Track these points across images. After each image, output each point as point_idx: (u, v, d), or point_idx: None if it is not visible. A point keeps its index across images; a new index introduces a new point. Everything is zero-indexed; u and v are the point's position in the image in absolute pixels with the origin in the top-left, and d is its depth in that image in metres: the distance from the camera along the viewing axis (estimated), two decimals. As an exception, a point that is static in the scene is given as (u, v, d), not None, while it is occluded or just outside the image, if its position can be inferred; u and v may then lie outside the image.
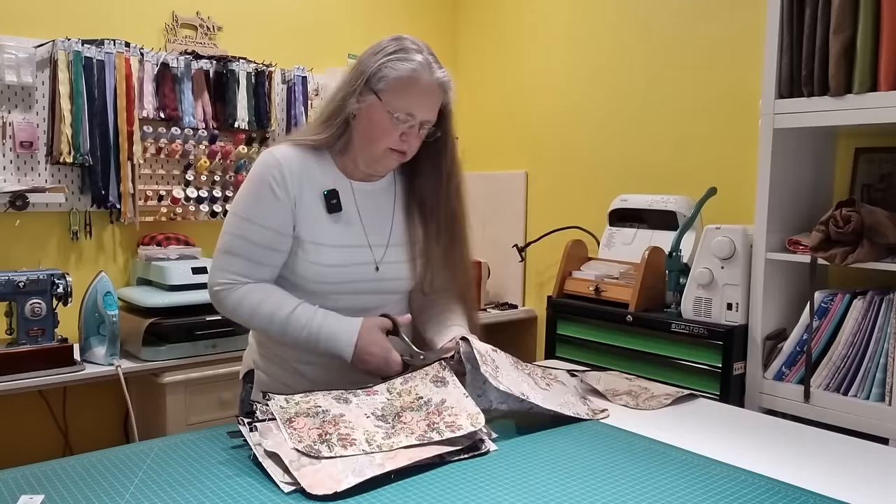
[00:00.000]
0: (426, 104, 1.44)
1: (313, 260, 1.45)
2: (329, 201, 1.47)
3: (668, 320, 2.28)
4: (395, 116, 1.41)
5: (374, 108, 1.43)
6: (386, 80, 1.41)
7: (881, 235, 1.88)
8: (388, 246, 1.53)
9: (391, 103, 1.41)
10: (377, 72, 1.42)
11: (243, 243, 1.44)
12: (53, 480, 1.09)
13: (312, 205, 1.46)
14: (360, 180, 1.53)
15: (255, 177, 1.45)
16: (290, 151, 1.47)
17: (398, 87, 1.41)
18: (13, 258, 2.52)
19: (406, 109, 1.42)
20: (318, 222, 1.46)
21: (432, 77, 1.43)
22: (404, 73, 1.41)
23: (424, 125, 1.46)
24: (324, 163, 1.49)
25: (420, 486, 1.08)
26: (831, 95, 1.93)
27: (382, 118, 1.42)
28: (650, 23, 2.82)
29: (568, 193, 3.16)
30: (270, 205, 1.43)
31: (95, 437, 2.69)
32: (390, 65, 1.41)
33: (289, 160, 1.45)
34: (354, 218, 1.50)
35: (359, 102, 1.43)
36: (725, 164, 2.58)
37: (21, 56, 2.47)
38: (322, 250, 1.45)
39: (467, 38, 3.65)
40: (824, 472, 1.19)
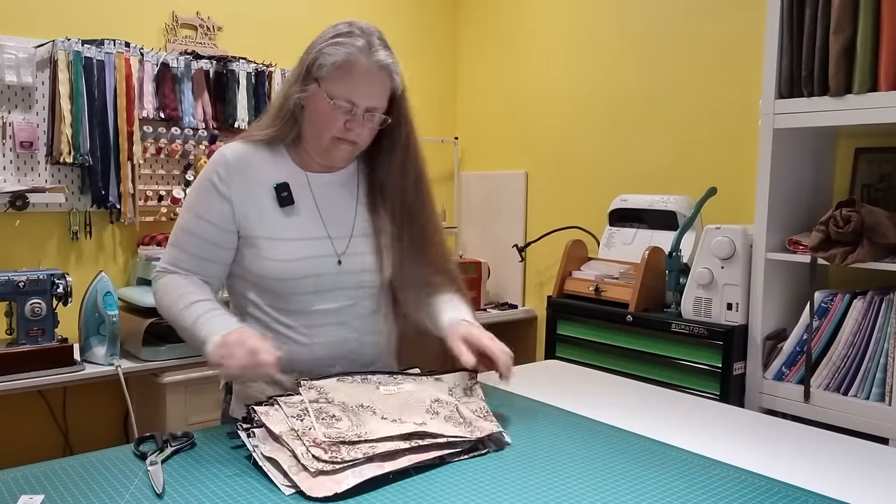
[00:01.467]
0: (367, 90, 1.38)
1: (268, 255, 1.40)
2: (280, 194, 1.42)
3: (668, 320, 2.28)
4: (334, 103, 1.36)
5: (315, 96, 1.38)
6: (324, 67, 1.37)
7: (881, 235, 1.88)
8: (350, 237, 1.47)
9: (330, 90, 1.36)
10: (316, 59, 1.38)
11: (184, 235, 1.43)
12: (53, 480, 1.09)
13: (263, 200, 1.42)
14: (318, 172, 1.48)
15: (203, 174, 1.44)
16: (241, 148, 1.44)
17: (335, 72, 1.36)
18: (13, 258, 2.52)
19: (345, 96, 1.36)
20: (271, 217, 1.42)
21: (371, 60, 1.37)
22: (339, 58, 1.36)
23: (371, 112, 1.39)
24: (278, 157, 1.46)
25: (420, 486, 1.08)
26: (831, 95, 1.93)
27: (324, 106, 1.37)
28: (650, 23, 2.82)
29: (568, 193, 3.16)
30: (213, 201, 1.41)
31: (95, 437, 2.69)
32: (327, 50, 1.37)
33: (237, 157, 1.42)
34: (311, 210, 1.45)
35: (302, 92, 1.40)
36: (725, 165, 2.58)
37: (21, 56, 2.47)
38: (276, 244, 1.41)
39: (467, 39, 3.65)
40: (824, 472, 1.19)
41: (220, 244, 1.42)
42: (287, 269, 1.41)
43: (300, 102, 1.41)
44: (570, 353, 2.56)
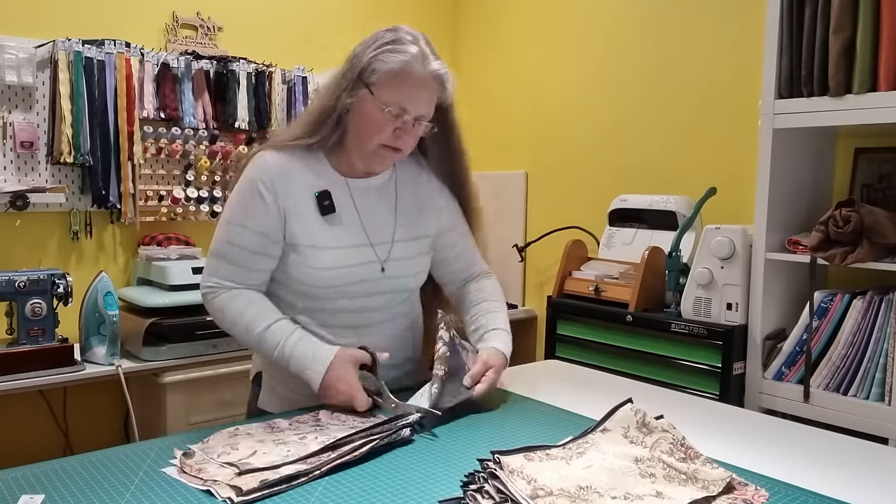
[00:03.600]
0: (420, 98, 1.38)
1: (312, 264, 1.41)
2: (321, 203, 1.42)
3: (668, 320, 2.28)
4: (387, 111, 1.35)
5: (365, 102, 1.37)
6: (377, 74, 1.36)
7: (881, 235, 1.88)
8: (392, 242, 1.48)
9: (383, 97, 1.35)
10: (369, 64, 1.37)
11: (231, 248, 1.42)
12: (53, 480, 1.09)
13: (306, 208, 1.42)
14: (357, 178, 1.48)
15: (245, 182, 1.42)
16: (281, 155, 1.43)
17: (390, 80, 1.36)
18: (13, 258, 2.52)
19: (398, 103, 1.36)
20: (314, 225, 1.42)
21: (426, 69, 1.37)
22: (395, 66, 1.35)
23: (420, 120, 1.40)
24: (317, 163, 1.45)
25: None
26: (831, 95, 1.93)
27: (374, 113, 1.36)
28: (650, 23, 2.82)
29: (568, 193, 3.16)
30: (259, 210, 1.40)
31: (95, 437, 2.69)
32: (382, 57, 1.36)
33: (279, 165, 1.41)
34: (352, 217, 1.46)
35: (351, 97, 1.38)
36: (725, 164, 2.58)
37: (21, 56, 2.47)
38: (320, 254, 1.41)
39: (467, 38, 3.65)
40: (824, 472, 1.19)
41: (269, 254, 1.42)
42: (331, 278, 1.42)
43: (346, 108, 1.40)
44: (570, 353, 2.56)
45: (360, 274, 1.45)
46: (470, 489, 1.03)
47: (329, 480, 1.10)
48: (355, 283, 1.44)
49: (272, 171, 1.41)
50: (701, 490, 1.05)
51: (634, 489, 1.04)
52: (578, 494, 1.01)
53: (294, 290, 1.45)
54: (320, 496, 1.04)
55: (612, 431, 1.19)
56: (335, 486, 1.07)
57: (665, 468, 1.10)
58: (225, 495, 1.03)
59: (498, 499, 0.99)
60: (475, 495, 1.01)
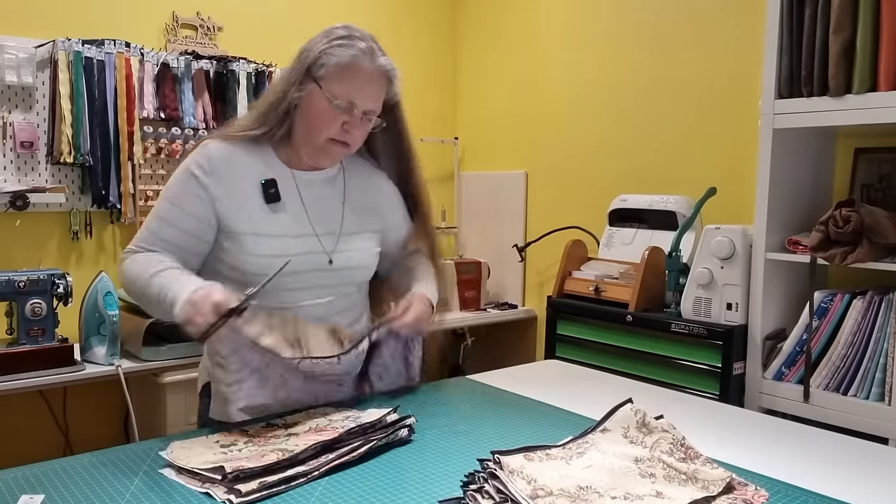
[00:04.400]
0: (367, 92, 1.40)
1: (251, 251, 1.39)
2: (267, 191, 1.42)
3: (668, 320, 2.28)
4: (334, 104, 1.37)
5: (314, 95, 1.39)
6: (326, 67, 1.38)
7: (881, 235, 1.88)
8: (340, 234, 1.49)
9: (331, 90, 1.38)
10: (318, 58, 1.39)
11: (159, 223, 1.41)
12: (53, 480, 1.09)
13: (248, 196, 1.41)
14: (304, 170, 1.49)
15: (184, 165, 1.43)
16: (226, 144, 1.44)
17: (338, 73, 1.38)
18: (13, 258, 2.52)
19: (346, 97, 1.38)
20: (256, 213, 1.41)
21: (374, 64, 1.40)
22: (344, 59, 1.38)
23: (368, 115, 1.42)
24: (263, 154, 1.46)
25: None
26: (831, 95, 1.93)
27: (323, 106, 1.38)
28: (650, 23, 2.82)
29: (568, 193, 3.16)
30: (192, 192, 1.40)
31: (95, 437, 2.69)
32: (330, 51, 1.38)
33: (222, 152, 1.43)
34: (298, 208, 1.45)
35: (300, 91, 1.40)
36: (725, 164, 2.58)
37: (21, 56, 2.47)
38: (261, 241, 1.40)
39: (467, 38, 3.65)
40: (824, 472, 1.19)
41: (197, 235, 1.41)
42: (270, 266, 1.37)
43: (295, 102, 1.41)
44: (570, 353, 2.56)
45: (302, 264, 1.42)
46: (470, 489, 1.03)
47: (329, 480, 1.10)
48: (295, 273, 1.40)
49: (213, 156, 1.42)
50: (701, 490, 1.05)
51: (634, 489, 1.04)
52: (578, 494, 1.01)
53: (232, 279, 1.40)
54: (320, 496, 1.04)
55: (612, 431, 1.19)
56: (335, 486, 1.08)
57: (665, 468, 1.10)
58: (224, 497, 1.03)
59: (498, 499, 0.99)
60: (475, 495, 1.01)
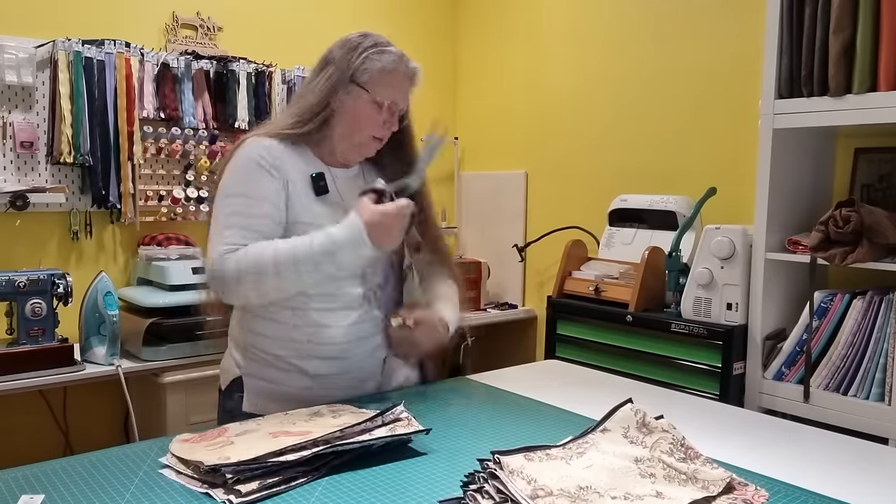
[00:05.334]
0: (404, 93, 1.56)
1: None
2: (318, 183, 1.52)
3: (668, 320, 2.28)
4: (382, 105, 1.51)
5: (360, 100, 1.51)
6: (370, 73, 1.50)
7: (881, 235, 1.88)
8: None
9: (378, 93, 1.51)
10: (360, 65, 1.50)
11: (237, 218, 1.43)
12: (53, 480, 1.09)
13: (301, 188, 1.50)
14: (336, 167, 1.59)
15: (242, 160, 1.47)
16: (271, 141, 1.50)
17: (384, 77, 1.51)
18: (13, 258, 2.52)
19: (391, 97, 1.52)
20: (310, 204, 1.50)
21: (408, 68, 1.55)
22: (388, 65, 1.51)
23: (402, 112, 1.57)
24: (302, 152, 1.54)
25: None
26: (831, 95, 1.93)
27: (368, 108, 1.51)
28: (650, 23, 2.82)
29: (568, 193, 3.16)
30: (262, 179, 1.45)
31: (95, 437, 2.69)
32: (373, 58, 1.51)
33: (275, 147, 1.50)
34: (336, 201, 1.54)
35: (345, 95, 1.51)
36: (725, 164, 2.58)
37: (21, 56, 2.47)
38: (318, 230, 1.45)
39: (467, 38, 3.65)
40: (824, 472, 1.19)
41: (275, 219, 1.46)
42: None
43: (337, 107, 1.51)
44: (570, 353, 2.56)
45: None
46: (470, 489, 1.03)
47: (329, 480, 1.10)
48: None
49: (269, 150, 1.48)
50: (701, 490, 1.05)
51: (634, 489, 1.04)
52: (578, 494, 1.01)
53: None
54: (320, 496, 1.04)
55: (612, 431, 1.19)
56: (335, 486, 1.08)
57: (665, 468, 1.10)
58: (224, 497, 1.03)
59: (498, 499, 0.99)
60: (475, 495, 1.01)
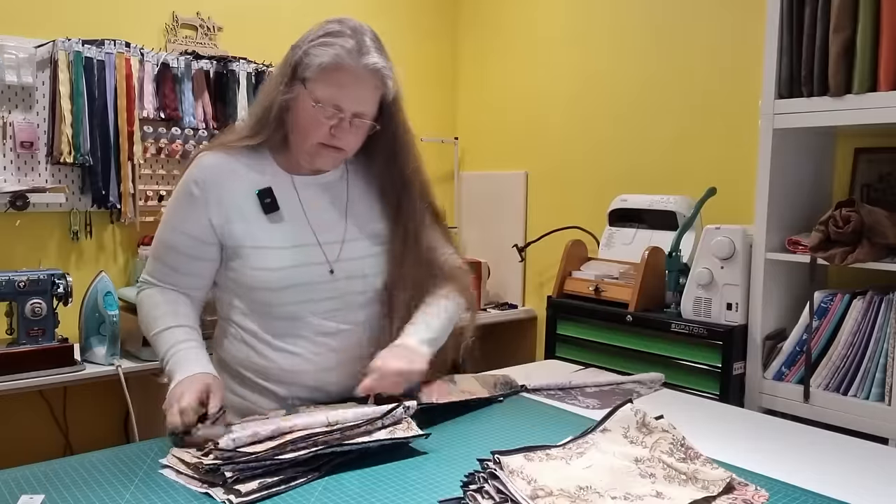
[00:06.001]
0: (355, 95, 1.30)
1: (255, 265, 1.34)
2: (263, 201, 1.35)
3: (668, 320, 2.28)
4: (320, 108, 1.29)
5: (301, 98, 1.31)
6: (310, 68, 1.29)
7: (881, 235, 1.88)
8: (343, 242, 1.40)
9: (315, 93, 1.29)
10: (302, 58, 1.30)
11: (162, 248, 1.40)
12: (53, 480, 1.09)
13: (247, 209, 1.35)
14: (304, 174, 1.41)
15: (180, 184, 1.39)
16: (219, 156, 1.38)
17: (321, 74, 1.29)
18: (13, 258, 2.52)
19: (332, 100, 1.29)
20: (256, 225, 1.35)
21: (360, 63, 1.29)
22: (326, 59, 1.28)
23: (359, 117, 1.32)
24: (261, 161, 1.39)
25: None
26: (831, 95, 1.93)
27: (309, 110, 1.30)
28: (650, 22, 2.82)
29: (568, 193, 3.16)
30: (190, 213, 1.36)
31: (95, 437, 2.69)
32: (313, 50, 1.29)
33: (219, 165, 1.36)
34: (298, 216, 1.38)
35: (288, 93, 1.31)
36: (725, 164, 2.58)
37: (21, 56, 2.47)
38: (264, 254, 1.34)
39: (467, 38, 3.65)
40: (824, 472, 1.19)
41: (200, 257, 1.37)
42: (276, 279, 1.34)
43: (284, 104, 1.33)
44: (569, 352, 2.56)
45: (307, 276, 1.36)
46: (470, 489, 1.03)
47: (329, 480, 1.10)
48: (300, 285, 1.36)
49: (207, 172, 1.36)
50: (701, 490, 1.05)
51: (634, 489, 1.04)
52: (578, 495, 1.01)
53: (238, 294, 1.39)
54: (320, 496, 1.04)
55: (612, 431, 1.19)
56: (335, 486, 1.08)
57: (665, 468, 1.10)
58: (224, 497, 1.03)
59: (498, 499, 0.99)
60: (475, 495, 1.01)
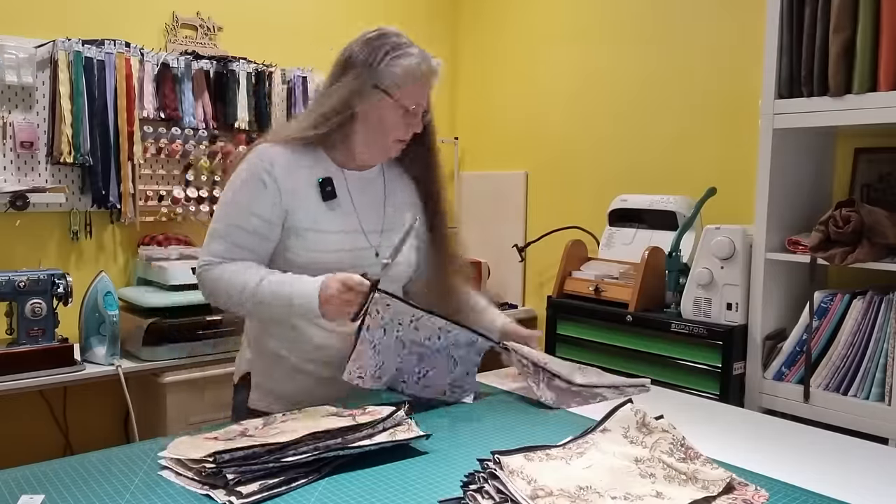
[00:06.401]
0: (427, 93, 1.53)
1: (313, 248, 1.48)
2: (324, 189, 1.51)
3: (668, 320, 2.28)
4: (407, 109, 1.48)
5: (384, 105, 1.48)
6: (393, 77, 1.47)
7: (881, 235, 1.88)
8: (382, 231, 1.58)
9: (403, 98, 1.48)
10: (383, 70, 1.47)
11: (228, 227, 1.47)
12: (53, 480, 1.09)
13: (307, 194, 1.50)
14: (353, 170, 1.57)
15: (247, 168, 1.49)
16: (280, 149, 1.51)
17: (408, 81, 1.48)
18: (13, 258, 2.52)
19: (416, 100, 1.50)
20: (315, 210, 1.50)
21: (430, 67, 1.51)
22: (412, 69, 1.48)
23: (426, 112, 1.55)
24: (316, 155, 1.53)
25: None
26: (831, 95, 1.93)
27: (393, 113, 1.49)
28: (650, 23, 2.82)
29: (568, 193, 3.16)
30: (259, 193, 1.46)
31: (95, 437, 2.69)
32: (395, 62, 1.47)
33: (280, 153, 1.49)
34: (348, 205, 1.54)
35: (367, 100, 1.48)
36: (725, 164, 2.58)
37: (21, 56, 2.47)
38: (322, 237, 1.48)
39: (467, 38, 3.65)
40: (824, 472, 1.19)
41: (267, 237, 1.48)
42: (331, 260, 1.47)
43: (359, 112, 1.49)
44: (570, 352, 2.56)
45: (357, 259, 1.51)
46: (470, 489, 1.03)
47: (329, 481, 1.10)
48: (353, 266, 1.47)
49: (275, 159, 1.48)
50: (701, 490, 1.05)
51: (634, 489, 1.04)
52: (578, 494, 1.01)
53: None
54: (320, 496, 1.04)
55: (612, 431, 1.20)
56: (335, 486, 1.08)
57: (665, 468, 1.10)
58: (225, 498, 1.03)
59: (498, 499, 0.99)
60: (475, 495, 1.01)
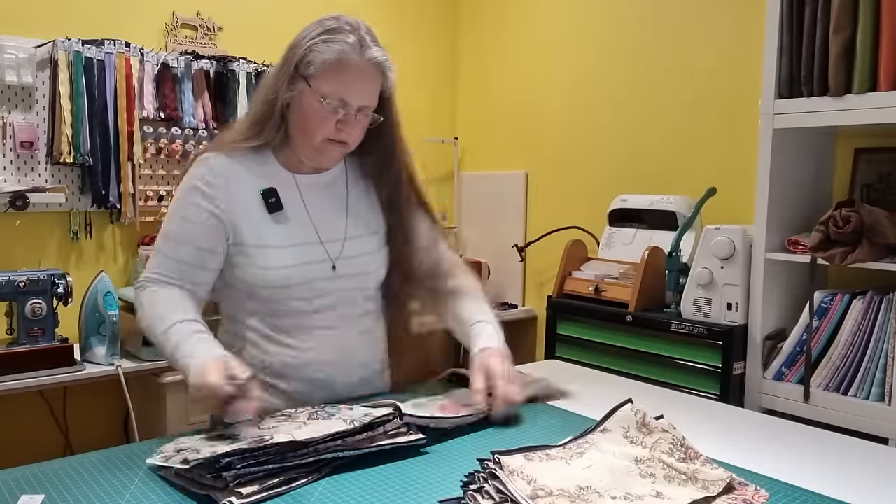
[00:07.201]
0: (360, 89, 1.33)
1: (260, 264, 1.36)
2: (267, 201, 1.37)
3: (668, 320, 2.28)
4: (326, 103, 1.31)
5: (304, 96, 1.33)
6: (314, 65, 1.31)
7: (881, 235, 1.88)
8: (344, 240, 1.43)
9: (321, 90, 1.31)
10: (304, 56, 1.32)
11: (171, 242, 1.38)
12: (53, 480, 1.09)
13: (252, 208, 1.37)
14: (306, 173, 1.43)
15: (187, 181, 1.38)
16: (224, 157, 1.38)
17: (327, 71, 1.31)
18: (13, 258, 2.52)
19: (338, 95, 1.31)
20: (261, 225, 1.37)
21: (363, 58, 1.32)
22: (331, 56, 1.30)
23: (363, 111, 1.35)
24: (263, 161, 1.41)
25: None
26: (831, 95, 1.93)
27: (315, 106, 1.32)
28: (650, 23, 2.82)
29: (568, 193, 3.16)
30: (200, 204, 1.36)
31: (95, 437, 2.69)
32: (317, 48, 1.31)
33: (222, 167, 1.37)
34: (301, 215, 1.41)
35: (290, 91, 1.33)
36: (725, 164, 2.58)
37: (21, 56, 2.47)
38: (269, 252, 1.36)
39: (467, 38, 3.65)
40: (824, 472, 1.19)
41: (208, 248, 1.37)
42: (279, 278, 1.36)
43: (287, 102, 1.35)
44: (569, 353, 2.56)
45: (311, 273, 1.39)
46: (470, 489, 1.03)
47: (329, 481, 1.10)
48: (305, 282, 1.39)
49: (214, 170, 1.37)
50: (701, 490, 1.05)
51: (634, 489, 1.04)
52: (578, 495, 1.01)
53: (243, 292, 1.40)
54: (320, 496, 1.04)
55: (612, 431, 1.19)
56: (335, 486, 1.08)
57: (665, 468, 1.10)
58: (225, 499, 1.02)
59: (498, 499, 0.99)
60: (475, 495, 1.01)
